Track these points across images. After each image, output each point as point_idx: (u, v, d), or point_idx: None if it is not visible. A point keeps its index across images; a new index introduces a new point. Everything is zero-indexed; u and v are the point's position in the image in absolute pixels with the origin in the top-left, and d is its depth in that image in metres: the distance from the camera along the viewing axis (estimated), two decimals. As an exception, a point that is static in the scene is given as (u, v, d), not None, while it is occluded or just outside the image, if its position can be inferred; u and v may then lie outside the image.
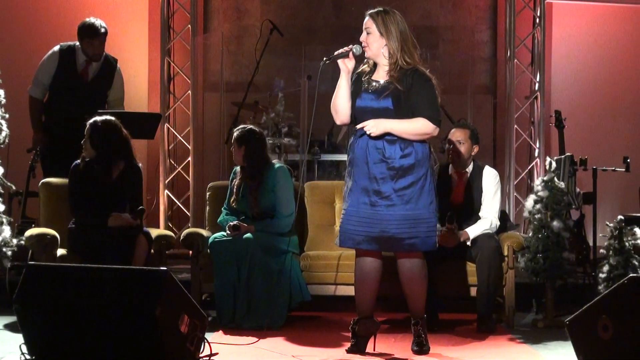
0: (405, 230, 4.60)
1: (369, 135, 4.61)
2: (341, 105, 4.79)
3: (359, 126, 4.67)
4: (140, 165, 5.97)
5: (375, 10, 4.78)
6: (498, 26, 8.90)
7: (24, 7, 8.47)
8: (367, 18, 4.79)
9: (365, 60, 4.86)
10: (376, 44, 4.73)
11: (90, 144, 5.69)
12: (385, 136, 4.61)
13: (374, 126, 4.58)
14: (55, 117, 6.80)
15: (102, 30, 6.90)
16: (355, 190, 4.67)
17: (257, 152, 5.93)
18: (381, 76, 4.77)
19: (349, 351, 4.77)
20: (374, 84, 4.74)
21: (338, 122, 4.96)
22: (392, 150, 4.61)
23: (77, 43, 6.94)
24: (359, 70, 4.87)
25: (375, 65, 4.82)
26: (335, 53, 4.84)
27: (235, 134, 5.97)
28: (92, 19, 6.92)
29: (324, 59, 4.92)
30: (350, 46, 4.78)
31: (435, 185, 4.78)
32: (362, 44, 4.76)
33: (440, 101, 4.85)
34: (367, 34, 4.75)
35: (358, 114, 4.72)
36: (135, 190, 5.89)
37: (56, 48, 6.99)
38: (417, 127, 4.63)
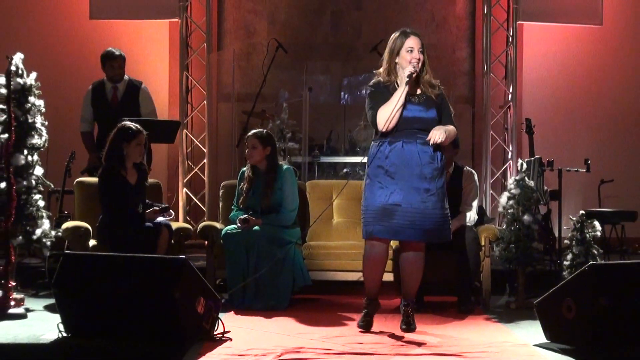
0: (442, 223, 4.67)
1: (436, 144, 4.59)
2: (397, 116, 4.60)
3: (432, 141, 4.56)
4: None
5: (414, 31, 4.69)
6: (476, 44, 8.89)
7: (64, 33, 8.53)
8: (416, 38, 4.66)
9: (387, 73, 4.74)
10: (420, 63, 4.66)
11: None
12: (429, 144, 4.60)
13: (441, 134, 4.55)
14: (102, 138, 6.85)
15: (118, 53, 7.06)
16: (406, 189, 4.59)
17: (275, 153, 5.99)
18: (414, 89, 4.69)
19: (359, 325, 4.79)
20: (414, 98, 4.66)
21: (384, 129, 4.64)
22: (435, 155, 4.66)
23: (105, 77, 7.10)
24: (382, 83, 4.75)
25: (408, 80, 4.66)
26: (407, 73, 4.60)
27: (260, 135, 5.93)
28: (110, 48, 7.10)
29: (406, 77, 4.60)
30: (412, 68, 4.59)
31: None
32: (413, 63, 4.61)
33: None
34: (421, 52, 4.65)
35: (403, 123, 4.61)
36: (146, 191, 5.94)
37: (89, 87, 7.17)
38: (454, 133, 4.72)
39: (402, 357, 4.10)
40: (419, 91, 4.71)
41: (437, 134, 4.55)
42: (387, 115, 4.63)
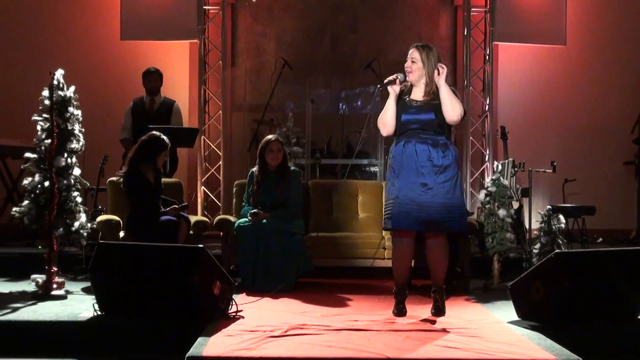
0: (445, 215, 4.44)
1: (420, 133, 4.50)
2: (389, 121, 4.59)
3: (438, 74, 4.48)
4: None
5: (420, 44, 4.61)
6: (457, 62, 8.87)
7: (98, 52, 8.52)
8: (413, 49, 4.59)
9: (406, 81, 4.63)
10: (418, 72, 4.56)
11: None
12: (429, 143, 4.49)
13: (443, 71, 4.48)
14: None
15: (153, 70, 7.34)
16: (406, 184, 4.47)
17: (286, 156, 6.04)
18: (418, 96, 4.58)
19: (395, 314, 4.61)
20: (414, 102, 4.56)
21: (385, 134, 4.68)
22: (435, 153, 4.47)
23: (144, 92, 7.37)
24: (402, 89, 4.64)
25: (411, 87, 4.63)
26: (385, 81, 4.63)
27: (282, 141, 6.03)
28: (150, 67, 7.40)
29: (378, 86, 4.72)
30: (396, 75, 4.59)
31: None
32: (407, 70, 4.58)
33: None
34: (413, 62, 4.57)
35: (402, 126, 4.56)
36: (163, 187, 5.96)
37: (131, 102, 7.39)
38: (457, 103, 4.48)
39: (392, 332, 4.10)
40: (421, 97, 4.58)
41: (442, 71, 4.48)
42: (381, 120, 4.63)
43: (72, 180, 5.46)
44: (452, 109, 4.47)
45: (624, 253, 4.76)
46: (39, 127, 5.36)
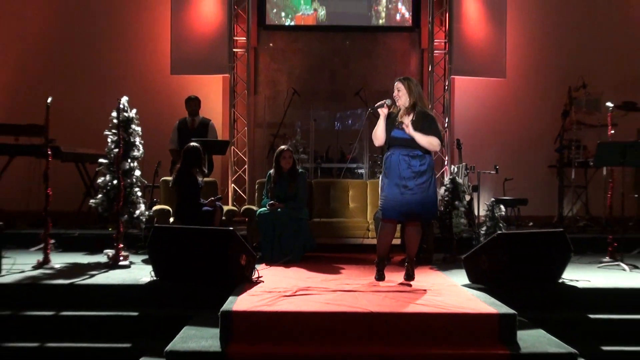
0: (420, 208, 4.41)
1: (403, 151, 4.41)
2: (380, 135, 4.50)
3: (404, 127, 4.39)
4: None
5: (403, 77, 4.54)
6: (425, 90, 8.84)
7: (154, 83, 8.53)
8: (397, 82, 4.51)
9: (395, 106, 4.53)
10: (404, 98, 4.47)
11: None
12: (410, 155, 4.41)
13: (408, 126, 4.39)
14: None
15: (193, 97, 7.31)
16: (391, 185, 4.43)
17: (295, 161, 6.05)
18: (405, 118, 4.49)
19: (377, 279, 4.58)
20: (400, 123, 4.48)
21: (377, 144, 4.58)
22: (414, 162, 4.42)
23: (187, 113, 7.31)
24: (391, 111, 4.54)
25: (399, 110, 4.51)
26: (376, 105, 4.54)
27: (292, 150, 6.04)
28: (192, 94, 7.35)
29: (369, 109, 4.60)
30: (384, 100, 4.52)
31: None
32: (395, 98, 4.51)
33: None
34: (398, 91, 4.48)
35: (391, 140, 4.49)
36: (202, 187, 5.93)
37: (177, 121, 7.34)
38: (430, 140, 4.38)
39: (374, 292, 4.12)
40: (407, 120, 4.45)
41: (409, 130, 4.38)
42: (374, 134, 4.57)
43: (134, 179, 5.47)
44: (429, 146, 4.44)
45: (548, 234, 4.79)
46: (109, 140, 5.38)
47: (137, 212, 5.48)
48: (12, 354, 3.88)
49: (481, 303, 3.79)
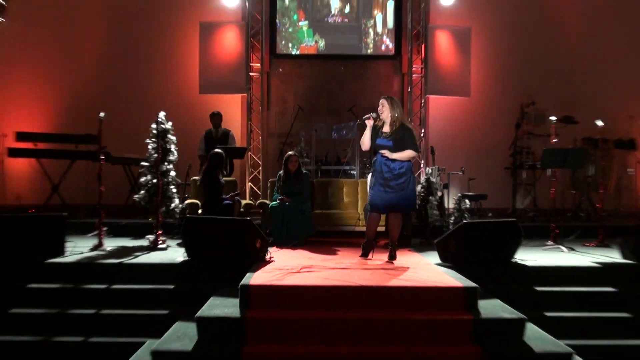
0: (400, 202, 4.44)
1: (385, 157, 4.44)
2: (367, 142, 4.51)
3: (382, 152, 4.44)
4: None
5: (387, 96, 4.55)
6: (404, 107, 8.86)
7: (186, 100, 8.50)
8: (382, 99, 4.50)
9: (379, 119, 4.54)
10: (386, 112, 4.48)
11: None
12: (389, 159, 4.44)
13: (388, 154, 4.43)
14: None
15: (216, 112, 7.22)
16: (377, 185, 4.46)
17: (300, 164, 6.00)
18: (387, 129, 4.50)
19: (361, 256, 4.60)
20: (383, 133, 4.49)
21: (364, 149, 4.57)
22: (395, 165, 4.44)
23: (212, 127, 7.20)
24: (375, 124, 4.52)
25: (383, 123, 4.53)
26: (364, 117, 4.54)
27: (297, 155, 6.01)
28: (215, 110, 7.23)
29: (358, 121, 4.71)
30: (371, 114, 4.51)
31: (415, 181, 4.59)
32: (379, 112, 4.50)
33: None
34: (382, 106, 4.48)
35: (376, 147, 4.50)
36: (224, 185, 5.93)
37: (204, 132, 7.26)
38: (408, 154, 4.44)
39: (364, 269, 4.13)
40: (387, 130, 4.47)
41: (387, 153, 4.44)
42: (362, 141, 4.58)
43: (170, 179, 5.47)
44: (407, 159, 4.46)
45: (503, 222, 4.79)
46: (149, 147, 5.38)
47: (172, 205, 5.47)
48: (75, 319, 3.91)
49: (450, 278, 3.81)
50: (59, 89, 8.47)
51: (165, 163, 5.43)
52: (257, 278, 3.72)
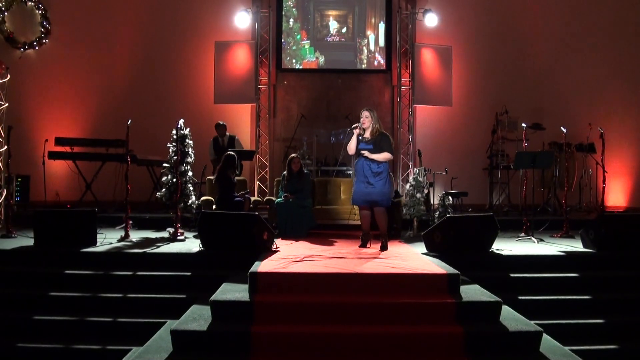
0: (379, 198, 4.48)
1: (365, 158, 4.48)
2: (353, 147, 4.53)
3: (363, 153, 4.48)
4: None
5: (368, 108, 4.59)
6: (394, 115, 8.83)
7: (202, 110, 8.41)
8: (364, 111, 4.55)
9: (361, 128, 4.56)
10: (368, 122, 4.54)
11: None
12: (369, 160, 4.48)
13: (368, 154, 4.46)
14: (218, 161, 6.84)
15: (222, 123, 7.15)
16: (359, 182, 4.51)
17: (302, 165, 5.97)
18: (368, 135, 4.54)
19: (360, 246, 4.62)
20: (364, 139, 4.53)
21: (350, 154, 4.58)
22: (374, 166, 4.48)
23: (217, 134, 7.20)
24: (359, 133, 4.55)
25: (364, 130, 4.56)
26: (352, 127, 4.57)
27: (300, 157, 6.03)
28: (220, 121, 7.09)
29: (349, 129, 4.66)
30: (357, 124, 4.55)
31: (392, 179, 4.59)
32: (362, 122, 4.54)
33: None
34: (366, 117, 4.53)
35: (358, 150, 4.53)
36: (235, 183, 5.89)
37: (212, 139, 7.19)
38: (384, 156, 4.48)
39: (360, 259, 4.10)
40: (368, 136, 4.56)
41: (367, 154, 4.48)
42: (348, 147, 4.61)
43: (188, 178, 5.47)
44: (384, 160, 4.51)
45: (482, 217, 4.75)
46: (170, 150, 5.39)
47: (190, 201, 5.48)
48: (104, 302, 3.88)
49: (435, 266, 3.78)
50: (92, 101, 8.44)
51: (184, 164, 5.42)
52: (264, 266, 3.69)
